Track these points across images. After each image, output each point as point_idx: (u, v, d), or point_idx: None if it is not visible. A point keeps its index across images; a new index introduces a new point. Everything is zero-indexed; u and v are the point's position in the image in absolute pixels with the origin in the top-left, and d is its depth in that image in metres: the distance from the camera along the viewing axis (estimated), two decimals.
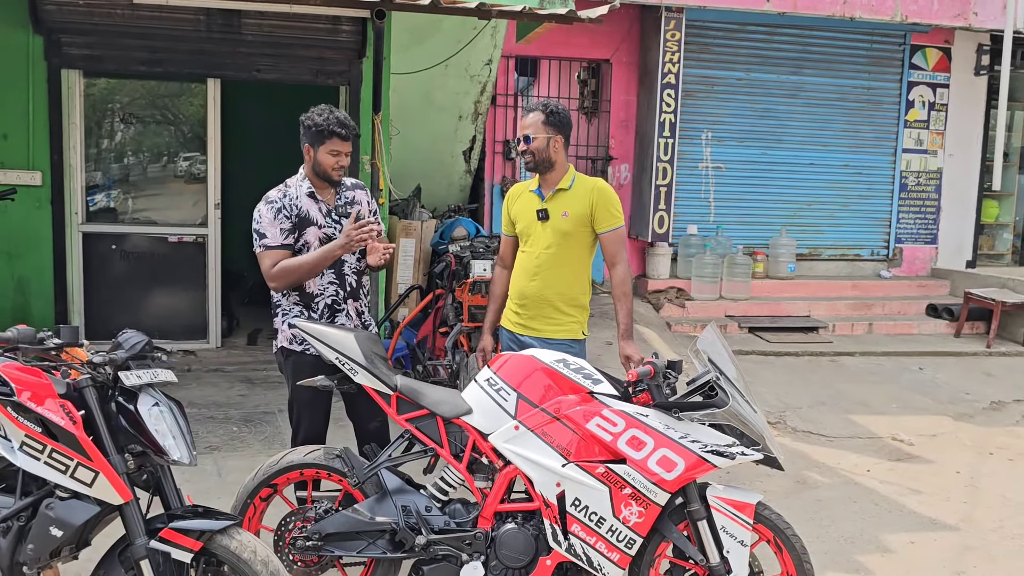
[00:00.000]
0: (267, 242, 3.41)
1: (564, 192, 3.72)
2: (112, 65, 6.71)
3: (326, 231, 3.49)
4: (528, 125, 3.68)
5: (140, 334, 2.70)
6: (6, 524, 2.54)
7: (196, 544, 2.51)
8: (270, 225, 3.41)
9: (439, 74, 7.63)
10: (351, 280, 3.56)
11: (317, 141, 3.43)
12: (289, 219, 3.43)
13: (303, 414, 3.54)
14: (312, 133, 3.44)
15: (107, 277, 6.86)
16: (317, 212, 3.49)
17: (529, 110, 3.73)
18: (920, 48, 9.58)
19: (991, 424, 6.24)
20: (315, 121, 3.44)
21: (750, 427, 2.92)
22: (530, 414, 2.99)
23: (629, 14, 8.74)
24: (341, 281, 3.54)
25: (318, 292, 3.50)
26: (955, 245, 10.01)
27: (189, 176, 7.36)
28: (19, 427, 2.44)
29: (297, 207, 3.46)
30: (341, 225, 3.50)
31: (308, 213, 3.47)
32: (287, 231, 3.42)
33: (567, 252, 3.71)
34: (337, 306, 3.53)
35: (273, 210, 3.43)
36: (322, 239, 3.47)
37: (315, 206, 3.49)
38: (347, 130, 3.46)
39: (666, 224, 8.69)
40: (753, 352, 7.74)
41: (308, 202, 3.48)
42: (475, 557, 3.00)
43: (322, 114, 3.45)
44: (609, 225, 3.71)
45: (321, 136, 3.42)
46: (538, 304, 3.73)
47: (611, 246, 3.74)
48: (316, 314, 3.50)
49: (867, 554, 4.08)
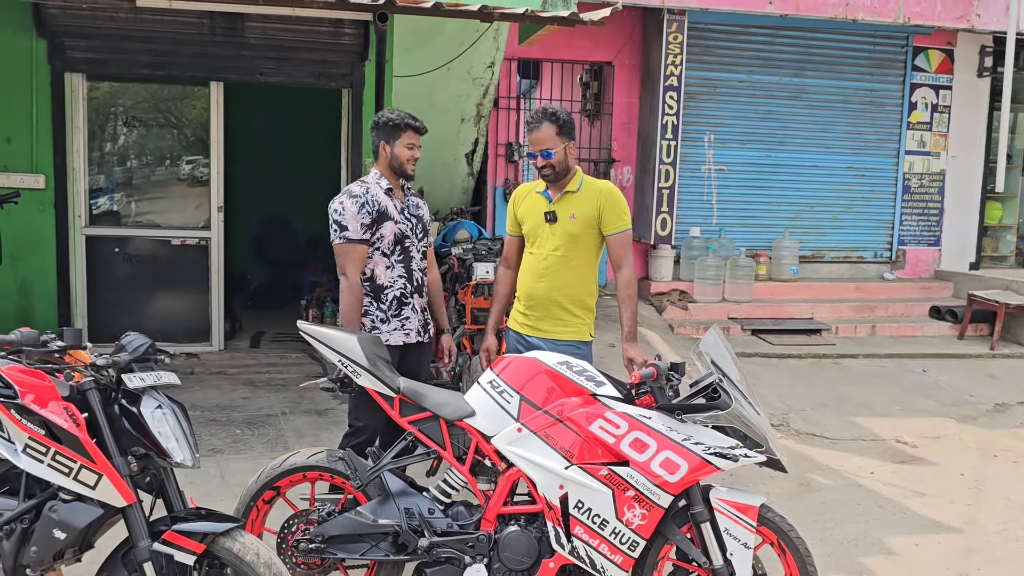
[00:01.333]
0: (348, 235, 3.56)
1: (572, 194, 3.72)
2: (115, 68, 6.73)
3: (400, 227, 3.68)
4: (543, 140, 3.65)
5: (143, 337, 2.70)
6: (10, 527, 2.54)
7: (199, 547, 2.51)
8: (353, 219, 3.56)
9: (441, 77, 7.64)
10: (417, 276, 3.75)
11: (393, 136, 3.65)
12: (371, 214, 3.59)
13: (362, 401, 3.41)
14: (388, 129, 3.66)
15: (110, 280, 6.88)
16: (394, 208, 3.67)
17: (536, 122, 3.68)
18: (923, 50, 9.57)
19: (995, 426, 6.22)
20: (390, 118, 3.67)
21: (753, 429, 2.91)
22: (533, 416, 2.99)
23: (631, 16, 8.75)
24: (409, 276, 3.71)
25: (388, 284, 3.66)
26: (958, 247, 10.00)
27: (192, 179, 7.37)
28: (23, 429, 2.45)
29: (378, 202, 3.63)
30: (411, 223, 3.74)
31: (387, 208, 3.64)
32: (367, 226, 3.58)
33: (575, 254, 3.72)
34: (404, 299, 3.69)
35: (357, 204, 3.58)
36: (396, 234, 3.65)
37: (391, 203, 3.67)
38: (419, 123, 3.70)
39: (669, 226, 8.69)
40: (756, 354, 7.73)
41: (386, 198, 3.66)
42: (478, 559, 3.00)
43: (394, 112, 3.71)
44: (617, 227, 3.72)
45: (397, 130, 3.64)
46: (546, 305, 3.73)
47: (618, 248, 3.75)
48: (384, 305, 3.66)
49: (871, 556, 4.07)
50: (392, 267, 3.67)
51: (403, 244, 3.70)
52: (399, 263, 3.68)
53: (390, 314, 3.67)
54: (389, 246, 3.66)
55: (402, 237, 3.68)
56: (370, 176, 3.75)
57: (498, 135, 8.83)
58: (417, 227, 3.78)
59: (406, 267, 3.70)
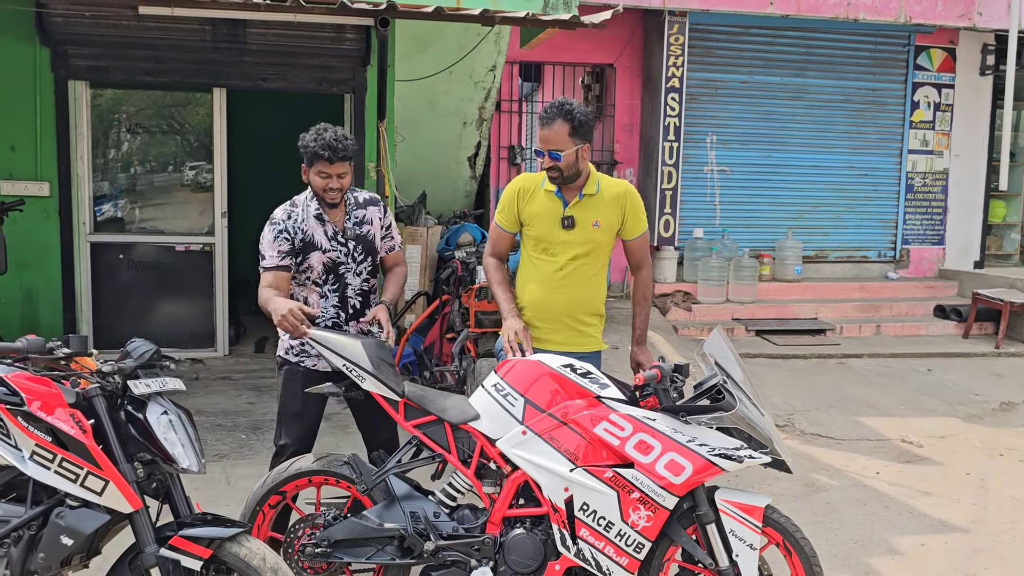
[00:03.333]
0: (264, 263, 3.37)
1: (591, 197, 3.45)
2: (118, 76, 6.75)
3: (330, 255, 3.40)
4: (553, 139, 3.33)
5: (148, 343, 2.71)
6: (17, 533, 2.55)
7: (206, 552, 2.51)
8: (269, 247, 3.36)
9: (443, 81, 7.65)
10: (354, 302, 3.49)
11: (308, 163, 3.35)
12: (289, 242, 3.35)
13: (286, 424, 3.48)
14: (306, 154, 3.34)
15: (115, 286, 6.89)
16: (322, 235, 3.39)
17: (550, 118, 3.34)
18: (924, 49, 9.57)
19: (1001, 425, 6.21)
20: (304, 142, 3.33)
21: (758, 430, 2.91)
22: (537, 419, 2.99)
23: (632, 19, 8.76)
24: (343, 304, 3.47)
25: (319, 315, 3.42)
26: (962, 246, 9.99)
27: (195, 185, 7.39)
28: (29, 436, 2.46)
29: (302, 231, 3.37)
30: (348, 247, 3.42)
31: (312, 237, 3.38)
32: (284, 253, 3.35)
33: (594, 262, 3.52)
34: (340, 328, 3.46)
35: (274, 232, 3.36)
36: (326, 263, 3.40)
37: (320, 229, 3.39)
38: (332, 152, 3.26)
39: (672, 228, 8.70)
40: (760, 355, 7.73)
41: (314, 224, 3.39)
42: (484, 563, 3.00)
43: (313, 135, 3.33)
44: (639, 231, 3.55)
45: (310, 159, 3.32)
46: (562, 318, 3.52)
47: (639, 251, 3.61)
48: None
49: (877, 557, 4.07)
50: (326, 296, 3.43)
51: (336, 272, 3.43)
52: (333, 292, 3.44)
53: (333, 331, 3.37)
54: (320, 276, 3.41)
55: (334, 265, 3.41)
56: (302, 196, 3.46)
57: (500, 138, 8.85)
58: (356, 249, 3.44)
59: (340, 295, 3.45)
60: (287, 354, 3.49)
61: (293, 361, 3.47)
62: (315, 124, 3.41)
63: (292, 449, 3.44)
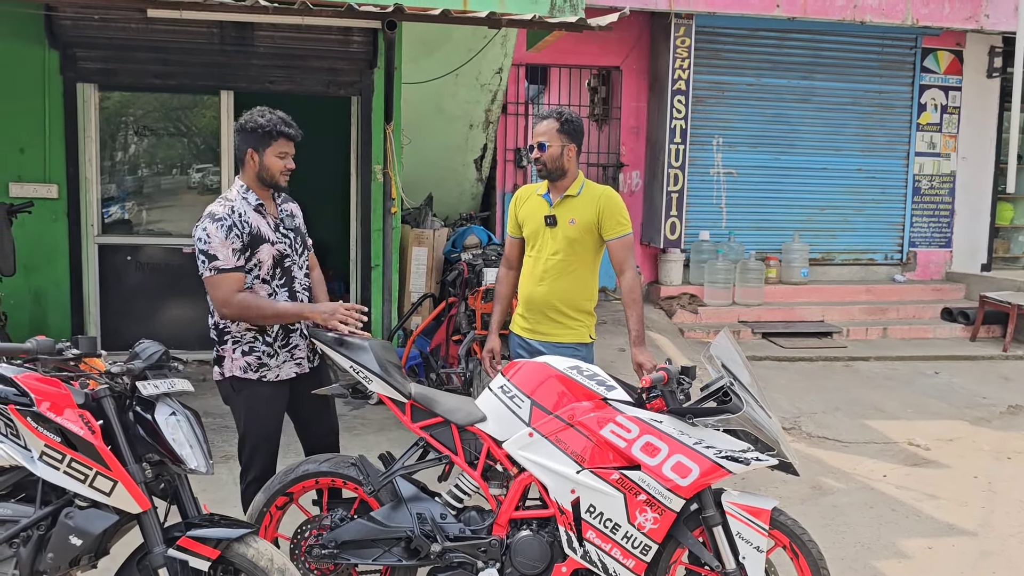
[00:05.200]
0: (219, 264, 3.10)
1: (572, 198, 3.74)
2: (127, 78, 6.77)
3: (278, 247, 3.26)
4: (542, 133, 3.70)
5: (157, 344, 2.73)
6: (26, 533, 2.56)
7: (213, 552, 2.53)
8: (221, 246, 3.10)
9: (450, 83, 7.67)
10: (302, 298, 3.38)
11: (263, 144, 3.18)
12: (240, 238, 3.14)
13: (260, 449, 3.31)
14: (256, 136, 3.18)
15: (123, 288, 6.92)
16: (268, 228, 3.24)
17: (543, 117, 3.75)
18: (932, 51, 9.55)
19: (1008, 428, 6.19)
20: (258, 123, 3.18)
21: (764, 432, 2.91)
22: (544, 421, 2.99)
23: (639, 21, 8.76)
24: (292, 298, 3.33)
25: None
26: (970, 248, 9.96)
27: (203, 187, 7.41)
28: (39, 437, 2.47)
29: (248, 224, 3.18)
30: (290, 239, 3.32)
31: (259, 230, 3.20)
32: (239, 251, 3.14)
33: (573, 259, 3.73)
34: (291, 326, 3.31)
35: (223, 229, 3.11)
36: (275, 256, 3.25)
37: (264, 221, 3.24)
38: (294, 129, 3.23)
39: (678, 230, 8.69)
40: (767, 358, 7.72)
41: (257, 217, 3.21)
42: (490, 564, 3.01)
43: (264, 115, 3.21)
44: (616, 232, 3.73)
45: (268, 137, 3.18)
46: (544, 309, 3.75)
47: (618, 253, 3.76)
48: (270, 338, 3.26)
49: (884, 560, 4.06)
50: (275, 293, 3.26)
51: (283, 265, 3.28)
52: (281, 287, 3.27)
53: (277, 346, 3.26)
54: (268, 271, 3.24)
55: (281, 258, 3.26)
56: (233, 191, 3.24)
57: (507, 140, 8.86)
58: (296, 241, 3.36)
59: (289, 290, 3.30)
60: (245, 372, 3.25)
61: (254, 379, 3.25)
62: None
63: (260, 470, 3.31)
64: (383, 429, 5.59)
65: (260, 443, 3.33)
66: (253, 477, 3.33)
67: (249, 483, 3.34)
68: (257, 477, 3.33)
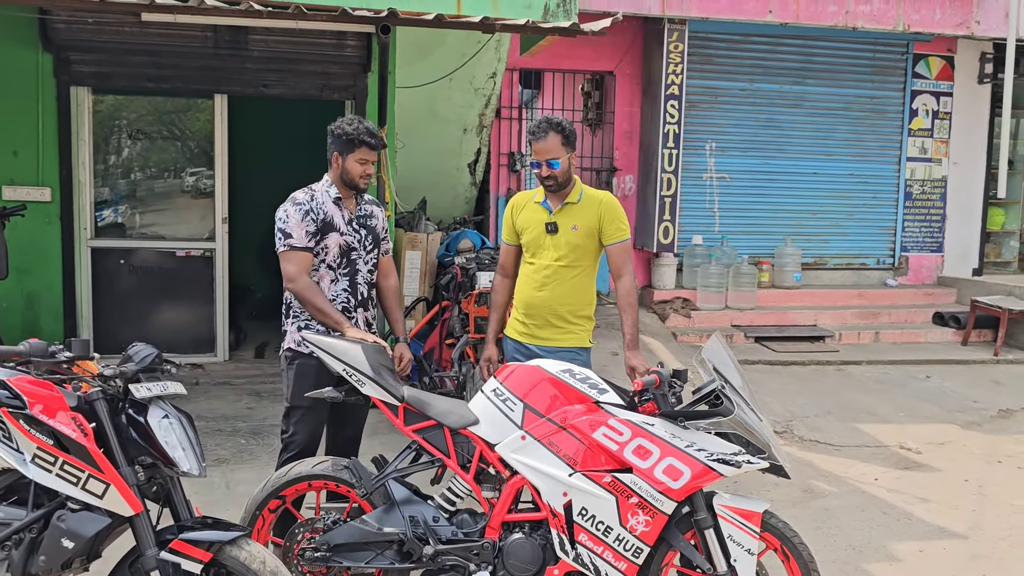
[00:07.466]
0: (293, 242, 3.46)
1: (573, 205, 3.76)
2: (120, 82, 6.78)
3: (347, 239, 3.56)
4: (550, 149, 3.65)
5: (150, 347, 2.73)
6: (18, 536, 2.56)
7: (206, 555, 2.53)
8: (297, 226, 3.47)
9: (443, 87, 7.68)
10: (363, 290, 3.64)
11: (346, 149, 3.52)
12: (315, 222, 3.49)
13: (302, 423, 3.51)
14: (342, 142, 3.53)
15: (116, 291, 6.91)
16: (340, 219, 3.56)
17: (541, 132, 3.67)
18: (923, 57, 9.61)
19: (999, 432, 6.22)
20: (345, 130, 3.53)
21: (756, 435, 2.92)
22: (536, 424, 3.00)
23: (632, 26, 8.79)
24: (353, 289, 3.61)
25: (331, 298, 3.54)
26: (961, 253, 10.01)
27: (196, 191, 7.41)
28: (31, 440, 2.47)
29: (323, 211, 3.52)
30: (360, 235, 3.60)
31: (332, 219, 3.53)
32: (311, 234, 3.48)
33: (575, 265, 3.75)
34: (348, 314, 3.57)
35: (301, 211, 3.49)
36: (342, 246, 3.54)
37: (339, 213, 3.56)
38: (376, 140, 3.56)
39: (671, 234, 8.71)
40: (759, 362, 7.74)
41: (333, 208, 3.55)
42: (483, 567, 3.01)
43: (352, 123, 3.55)
44: (616, 237, 3.76)
45: (351, 145, 3.51)
46: (545, 314, 3.76)
47: (617, 258, 3.78)
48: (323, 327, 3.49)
49: (875, 563, 4.07)
50: (337, 280, 3.57)
51: (349, 256, 3.58)
52: (344, 276, 3.57)
53: (332, 329, 3.48)
54: (335, 259, 3.55)
55: (348, 249, 3.56)
56: (319, 184, 3.63)
57: (500, 145, 8.87)
58: (367, 238, 3.64)
59: (351, 280, 3.59)
60: (299, 346, 3.51)
61: (306, 353, 3.45)
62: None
63: (301, 444, 3.48)
64: (376, 432, 5.58)
65: (304, 416, 3.49)
66: (291, 437, 3.51)
67: (284, 463, 3.45)
68: (294, 439, 3.50)
